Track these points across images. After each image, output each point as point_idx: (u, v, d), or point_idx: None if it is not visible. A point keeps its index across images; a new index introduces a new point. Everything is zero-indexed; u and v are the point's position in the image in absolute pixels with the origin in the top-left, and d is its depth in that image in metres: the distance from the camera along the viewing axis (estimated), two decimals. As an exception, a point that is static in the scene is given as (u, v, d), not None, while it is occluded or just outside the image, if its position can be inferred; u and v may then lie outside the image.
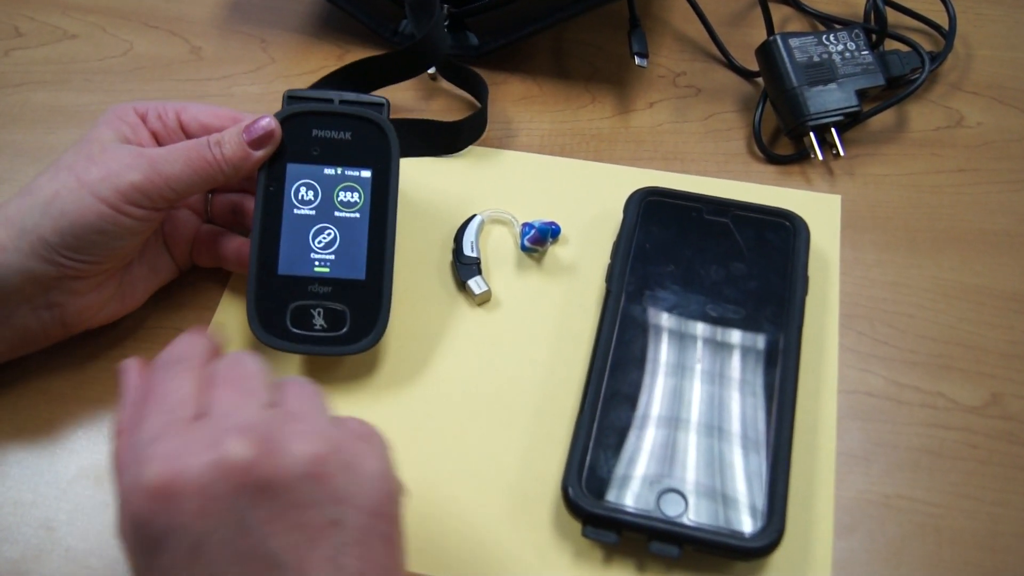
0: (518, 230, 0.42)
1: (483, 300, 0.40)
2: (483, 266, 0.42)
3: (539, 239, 0.41)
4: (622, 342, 0.37)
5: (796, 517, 0.34)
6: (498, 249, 0.42)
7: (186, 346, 0.30)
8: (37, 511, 0.36)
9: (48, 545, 0.35)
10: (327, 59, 0.51)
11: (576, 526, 0.33)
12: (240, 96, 0.50)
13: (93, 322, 0.38)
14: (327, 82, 0.47)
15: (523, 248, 0.41)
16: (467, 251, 0.41)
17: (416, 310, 0.40)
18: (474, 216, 0.43)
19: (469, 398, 0.38)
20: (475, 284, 0.40)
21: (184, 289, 0.42)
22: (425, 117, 0.46)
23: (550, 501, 0.35)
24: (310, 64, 0.49)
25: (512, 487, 0.35)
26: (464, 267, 0.41)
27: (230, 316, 0.41)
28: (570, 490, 0.33)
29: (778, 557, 0.33)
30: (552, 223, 0.41)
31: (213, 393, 0.28)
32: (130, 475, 0.26)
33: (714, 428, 0.34)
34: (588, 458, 0.34)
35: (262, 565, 0.25)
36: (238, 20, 0.54)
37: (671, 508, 0.32)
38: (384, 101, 0.39)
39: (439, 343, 0.40)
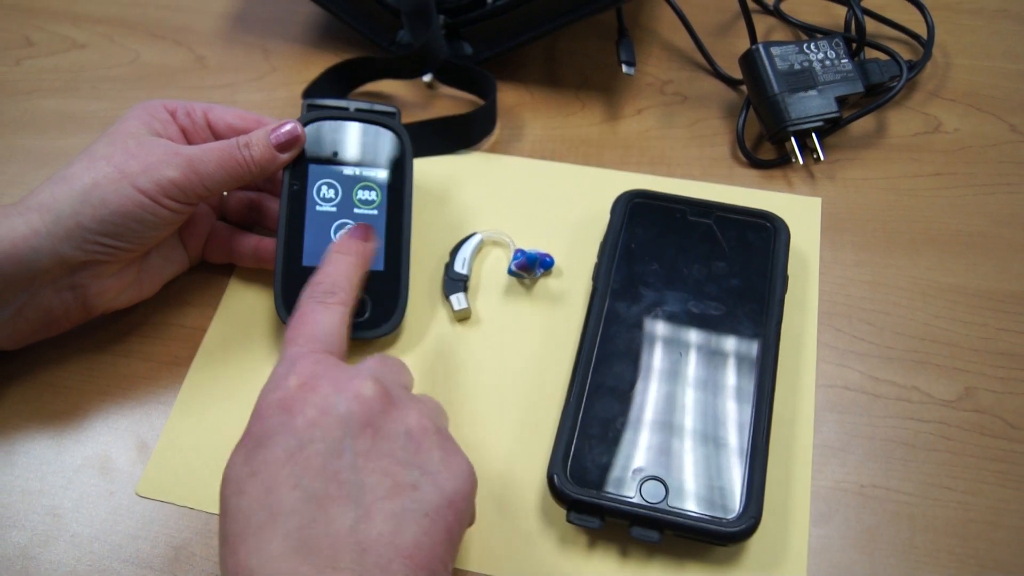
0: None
1: (462, 317, 0.41)
2: (473, 285, 0.43)
3: (526, 266, 0.41)
4: (607, 337, 0.38)
5: (774, 505, 0.35)
6: (492, 271, 0.43)
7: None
8: (44, 498, 0.37)
9: (54, 531, 0.36)
10: (327, 67, 0.53)
11: (561, 512, 0.35)
12: (243, 103, 0.52)
13: (112, 305, 0.40)
14: (328, 76, 0.49)
15: (509, 272, 0.42)
16: (457, 267, 0.42)
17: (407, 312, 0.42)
18: (474, 234, 0.44)
19: (458, 392, 0.39)
20: (456, 300, 0.41)
21: (188, 287, 0.43)
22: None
23: (536, 489, 0.36)
24: (311, 72, 0.50)
25: (499, 475, 0.37)
26: (451, 282, 0.42)
27: (233, 312, 0.43)
28: (555, 478, 0.34)
29: (756, 543, 0.35)
30: (545, 254, 0.42)
31: (364, 360, 0.33)
32: (275, 379, 0.31)
33: (695, 419, 0.36)
34: (573, 447, 0.35)
35: (338, 490, 0.27)
36: (241, 30, 0.56)
37: (652, 495, 0.34)
38: (395, 110, 0.42)
39: (427, 345, 0.41)
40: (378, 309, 0.39)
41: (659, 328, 0.38)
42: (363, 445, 0.28)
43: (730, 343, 0.38)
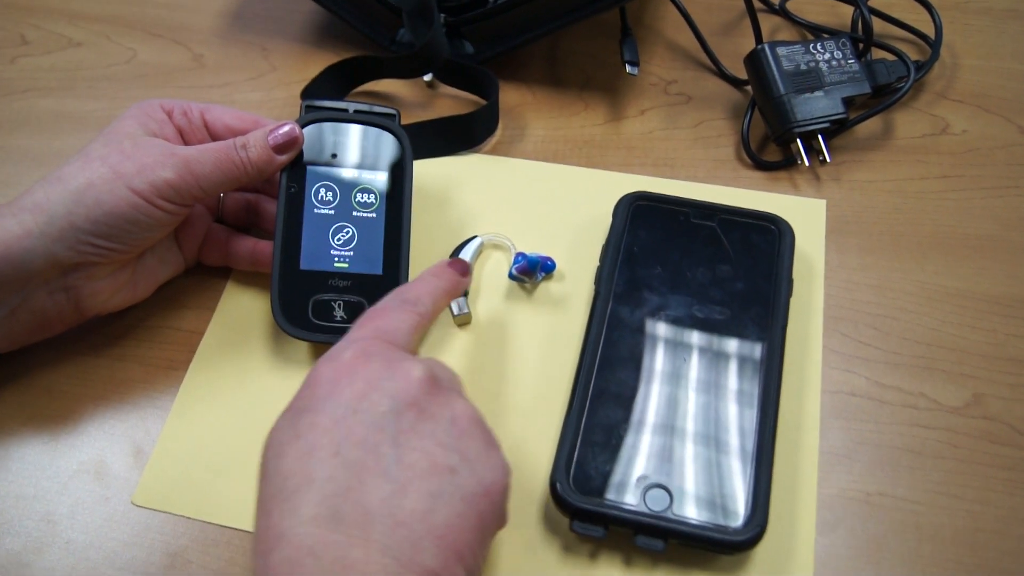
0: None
1: (462, 322, 0.41)
2: (473, 289, 0.42)
3: (527, 270, 0.41)
4: (610, 342, 0.38)
5: (779, 513, 0.35)
6: (492, 275, 0.43)
7: None
8: (38, 505, 0.37)
9: (49, 538, 0.36)
10: (326, 66, 0.52)
11: (564, 521, 0.34)
12: (241, 103, 0.51)
13: (105, 307, 0.39)
14: (328, 76, 0.49)
15: (510, 276, 0.41)
16: None
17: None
18: (474, 237, 0.43)
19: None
20: (456, 305, 0.41)
21: (184, 290, 0.43)
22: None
23: (539, 497, 0.36)
24: (310, 71, 0.50)
25: (502, 483, 0.36)
26: None
27: (230, 315, 0.42)
28: (558, 486, 0.34)
29: (761, 552, 0.34)
30: (547, 257, 0.41)
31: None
32: (332, 352, 0.31)
33: (699, 426, 0.35)
34: (576, 455, 0.34)
35: (377, 463, 0.27)
36: (240, 29, 0.56)
37: (656, 503, 0.33)
38: (395, 112, 0.42)
39: (427, 350, 0.41)
40: None
41: (662, 333, 0.38)
42: (407, 422, 0.28)
43: (734, 348, 0.37)
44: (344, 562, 0.25)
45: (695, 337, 0.38)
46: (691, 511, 0.33)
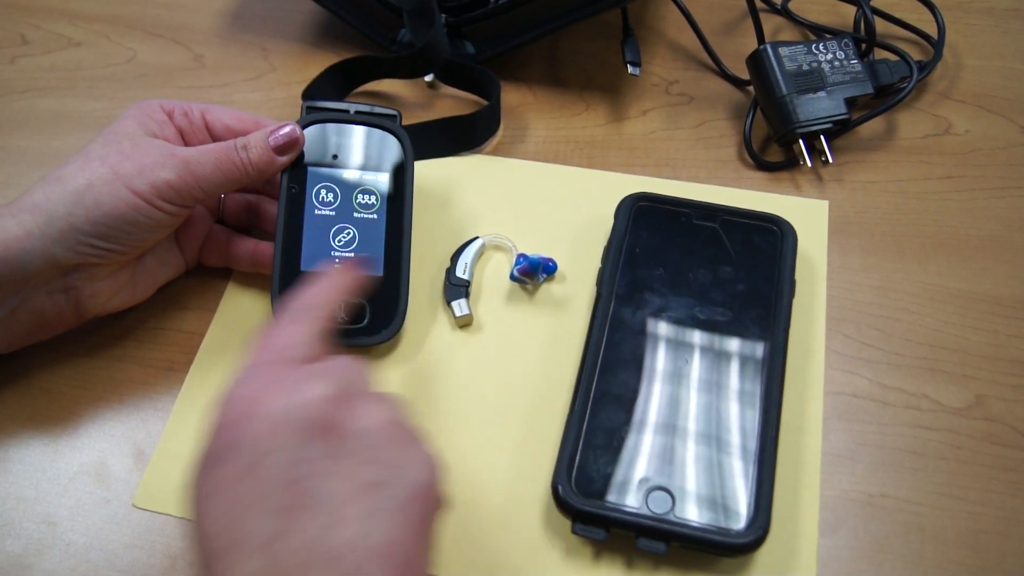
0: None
1: (463, 324, 0.41)
2: (475, 290, 0.42)
3: (528, 271, 0.41)
4: (612, 344, 0.37)
5: (782, 515, 0.35)
6: (494, 276, 0.43)
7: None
8: (39, 506, 0.37)
9: (49, 540, 0.36)
10: (327, 67, 0.52)
11: (566, 524, 0.34)
12: (241, 103, 0.51)
13: (104, 308, 0.39)
14: (328, 76, 0.49)
15: (512, 277, 0.41)
16: (459, 272, 0.42)
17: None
18: (476, 238, 0.43)
19: (459, 400, 0.39)
20: (457, 306, 0.40)
21: (185, 291, 0.43)
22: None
23: (541, 499, 0.36)
24: (310, 72, 0.50)
25: (503, 486, 0.36)
26: (452, 287, 0.41)
27: (231, 317, 0.42)
28: (560, 488, 0.34)
29: (764, 554, 0.34)
30: (548, 259, 0.41)
31: (321, 359, 0.31)
32: (233, 384, 0.29)
33: (702, 428, 0.35)
34: (578, 457, 0.34)
35: (301, 499, 0.26)
36: (239, 29, 0.56)
37: (658, 505, 0.33)
38: (396, 112, 0.42)
39: (428, 352, 0.40)
40: (377, 315, 0.39)
41: (664, 334, 0.38)
42: (322, 449, 0.27)
43: (737, 349, 0.37)
44: None
45: (697, 338, 0.38)
46: (693, 513, 0.33)
